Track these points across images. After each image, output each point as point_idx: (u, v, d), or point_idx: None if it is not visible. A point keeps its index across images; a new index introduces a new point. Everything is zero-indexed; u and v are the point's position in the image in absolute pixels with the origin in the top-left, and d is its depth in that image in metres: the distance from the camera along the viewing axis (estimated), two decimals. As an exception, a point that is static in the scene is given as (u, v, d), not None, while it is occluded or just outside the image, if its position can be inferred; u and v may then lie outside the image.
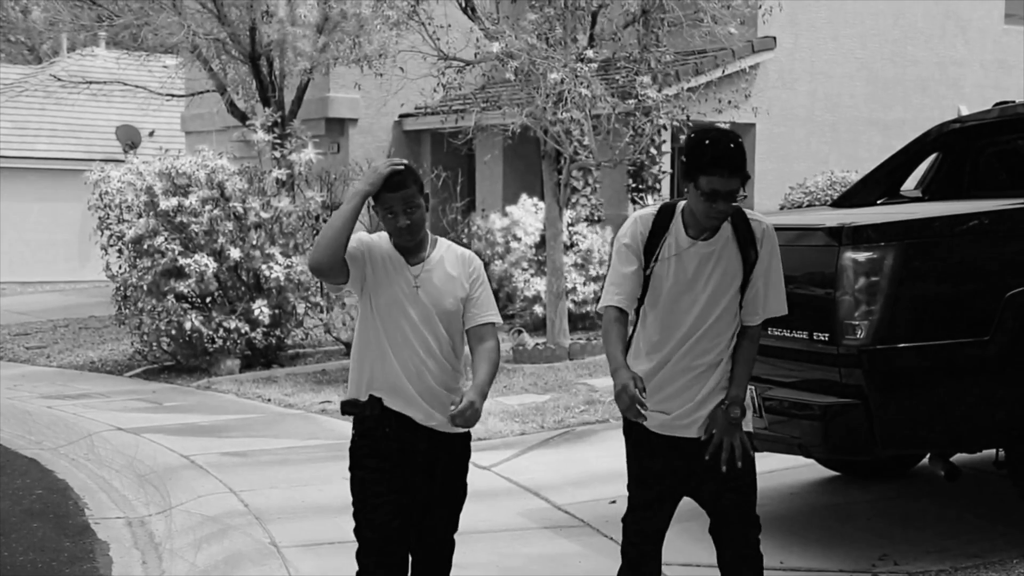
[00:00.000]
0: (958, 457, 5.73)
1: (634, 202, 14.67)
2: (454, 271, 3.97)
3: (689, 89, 12.98)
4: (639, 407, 3.66)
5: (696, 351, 3.86)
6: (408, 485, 3.89)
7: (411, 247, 3.94)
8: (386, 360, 3.88)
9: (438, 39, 11.88)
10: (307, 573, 5.44)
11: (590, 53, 11.28)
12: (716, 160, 3.67)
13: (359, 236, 3.94)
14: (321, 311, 12.57)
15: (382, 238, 3.97)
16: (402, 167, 3.91)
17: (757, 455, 4.01)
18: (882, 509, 6.27)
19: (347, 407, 3.96)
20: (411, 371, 3.87)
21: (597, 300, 13.65)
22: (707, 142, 3.68)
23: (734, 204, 3.78)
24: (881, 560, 5.33)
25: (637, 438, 4.00)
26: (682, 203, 3.89)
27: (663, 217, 3.89)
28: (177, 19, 13.20)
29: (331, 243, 3.77)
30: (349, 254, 3.84)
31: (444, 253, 4.01)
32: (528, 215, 14.27)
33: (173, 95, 16.72)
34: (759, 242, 3.89)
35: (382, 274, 3.91)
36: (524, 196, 14.67)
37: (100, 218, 12.51)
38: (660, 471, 3.96)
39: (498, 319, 4.06)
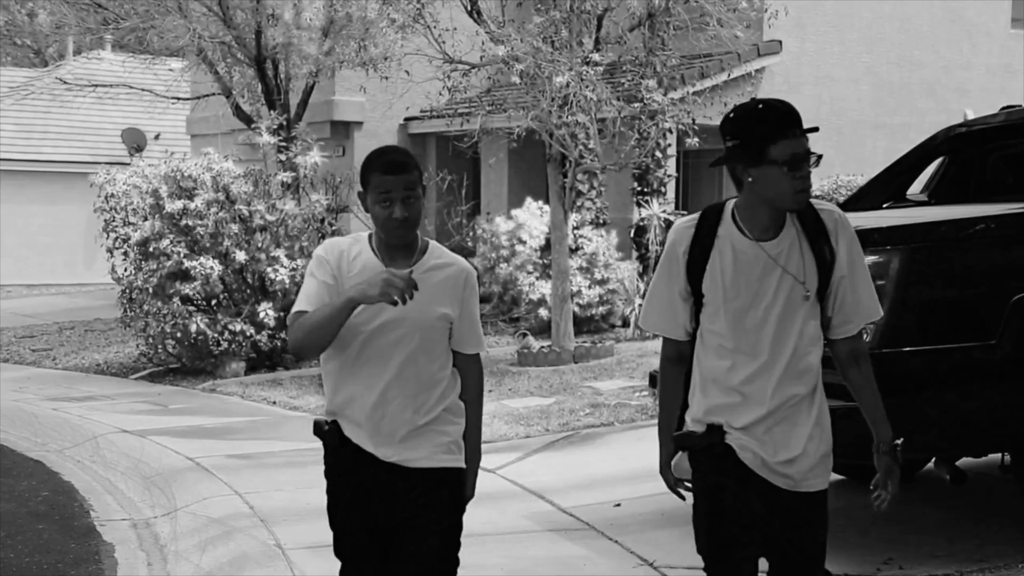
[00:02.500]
0: (963, 461, 5.72)
1: (639, 205, 14.67)
2: (447, 283, 3.40)
3: (694, 93, 12.98)
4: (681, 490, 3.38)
5: (788, 378, 3.17)
6: (372, 521, 3.46)
7: (399, 248, 3.35)
8: (355, 383, 3.34)
9: (443, 42, 11.89)
10: (312, 575, 5.44)
11: (596, 56, 11.29)
12: (784, 121, 3.11)
13: (325, 264, 3.36)
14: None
15: (356, 242, 3.40)
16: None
17: None
18: (887, 513, 6.25)
19: (316, 428, 3.56)
20: (381, 399, 3.32)
21: (602, 303, 13.67)
22: (761, 106, 3.13)
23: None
24: (886, 564, 5.32)
25: (718, 485, 3.24)
26: (731, 203, 3.25)
27: (708, 223, 3.23)
28: (183, 22, 13.22)
29: (317, 340, 3.29)
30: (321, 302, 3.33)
31: (436, 260, 3.41)
32: (533, 218, 14.27)
33: (179, 98, 16.73)
34: (833, 235, 3.20)
35: (354, 286, 3.28)
36: (529, 199, 14.67)
37: (106, 221, 12.53)
38: (748, 523, 3.21)
39: (482, 349, 3.60)
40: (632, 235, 14.67)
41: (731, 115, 3.17)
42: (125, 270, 12.34)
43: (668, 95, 12.30)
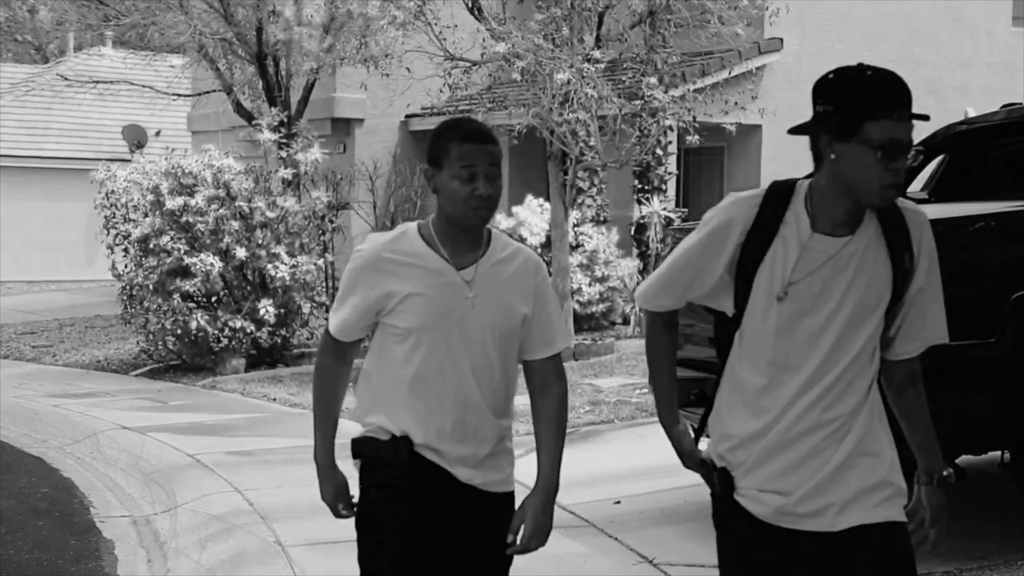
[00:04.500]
0: (963, 459, 5.72)
1: (639, 203, 14.66)
2: (519, 277, 2.94)
3: (695, 90, 12.97)
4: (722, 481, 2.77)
5: (828, 400, 2.62)
6: (437, 562, 2.93)
7: (469, 234, 2.88)
8: (419, 402, 2.88)
9: (444, 39, 11.89)
10: (312, 572, 5.44)
11: (596, 54, 11.29)
12: (892, 98, 2.52)
13: (357, 281, 2.91)
14: (326, 310, 12.57)
15: (401, 238, 2.91)
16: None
17: None
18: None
19: (359, 445, 2.96)
20: (454, 416, 2.88)
21: (602, 300, 13.67)
22: (869, 73, 2.54)
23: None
24: (886, 562, 5.31)
25: (738, 536, 2.79)
26: (803, 184, 2.68)
27: (775, 202, 2.64)
28: (184, 19, 13.22)
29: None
30: (361, 327, 2.97)
31: (503, 252, 2.94)
32: (534, 215, 14.28)
33: (179, 95, 16.74)
34: (916, 240, 2.67)
35: (413, 289, 2.85)
36: (530, 197, 14.67)
37: (106, 217, 12.53)
38: None
39: (566, 342, 3.13)
40: (632, 233, 14.66)
41: (830, 75, 2.58)
42: (126, 267, 12.34)
43: (669, 92, 12.29)
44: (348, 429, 3.08)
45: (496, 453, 2.95)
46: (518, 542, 2.93)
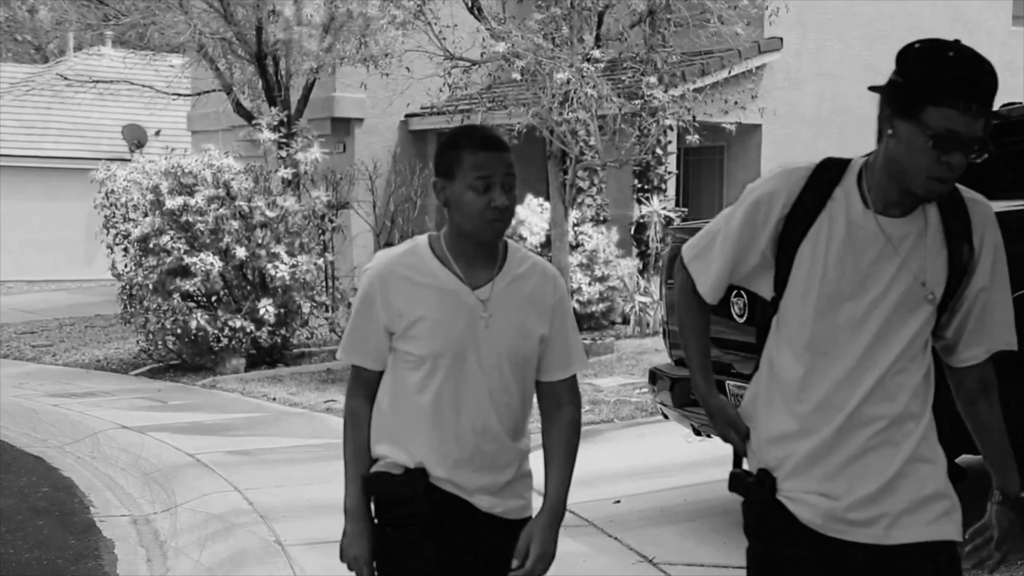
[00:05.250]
0: (963, 458, 5.72)
1: (639, 202, 14.67)
2: (537, 296, 2.75)
3: (695, 90, 12.98)
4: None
5: (873, 395, 2.43)
6: None
7: (484, 249, 2.71)
8: (435, 431, 2.71)
9: (444, 39, 11.89)
10: (312, 571, 5.44)
11: (596, 53, 11.29)
12: (961, 84, 2.28)
13: (370, 303, 2.74)
14: (326, 310, 12.59)
15: (412, 253, 2.73)
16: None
17: None
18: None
19: (372, 481, 2.77)
20: (472, 445, 2.71)
21: (602, 300, 13.67)
22: (952, 54, 2.30)
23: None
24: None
25: (780, 543, 2.52)
26: (859, 160, 2.49)
27: (824, 176, 2.47)
28: (183, 18, 13.23)
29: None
30: (386, 349, 2.77)
31: (522, 268, 2.76)
32: (534, 215, 14.28)
33: (179, 94, 16.75)
34: (978, 232, 2.47)
35: (427, 312, 2.68)
36: (530, 196, 14.67)
37: (106, 217, 12.53)
38: None
39: (584, 366, 2.92)
40: (632, 232, 14.67)
41: (915, 44, 2.35)
42: (125, 266, 12.34)
43: (669, 92, 12.29)
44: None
45: (516, 479, 2.80)
46: (526, 566, 2.75)
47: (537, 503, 2.87)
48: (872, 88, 2.42)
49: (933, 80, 2.28)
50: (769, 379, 2.54)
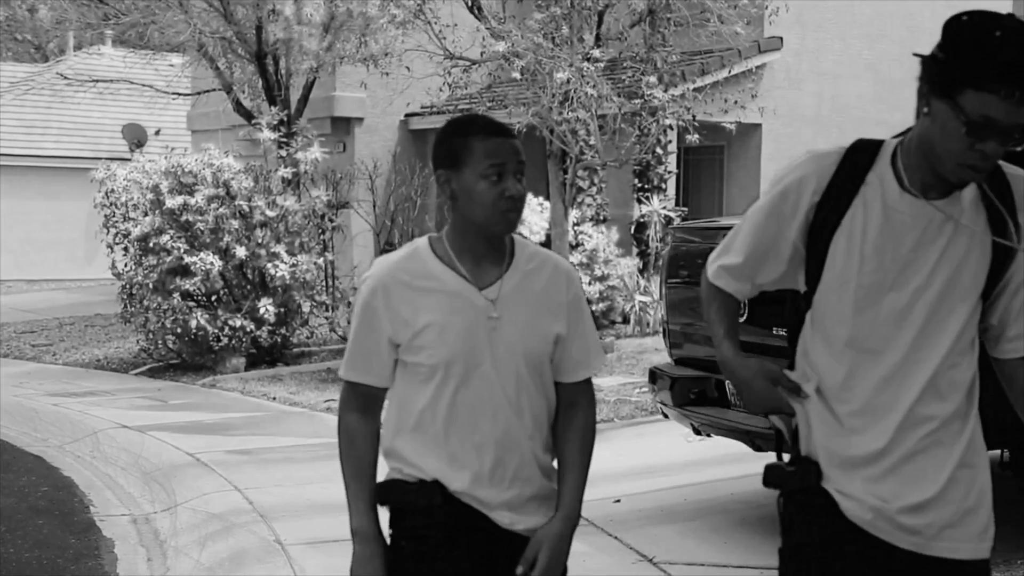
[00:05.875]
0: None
1: (639, 202, 14.67)
2: (550, 292, 2.59)
3: (695, 89, 12.98)
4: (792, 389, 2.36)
5: (928, 395, 2.28)
6: None
7: (493, 244, 2.55)
8: (451, 444, 2.53)
9: (444, 38, 11.89)
10: (312, 571, 5.44)
11: (596, 53, 11.29)
12: (1006, 69, 2.07)
13: (372, 313, 2.55)
14: (326, 309, 12.58)
15: (412, 257, 2.57)
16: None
17: (760, 454, 3.89)
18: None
19: (385, 490, 2.61)
20: (492, 457, 2.54)
21: (602, 299, 13.67)
22: (999, 34, 2.08)
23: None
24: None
25: (823, 533, 2.36)
26: (892, 142, 2.34)
27: (856, 159, 2.31)
28: (183, 17, 13.22)
29: None
30: (388, 363, 2.59)
31: (532, 263, 2.60)
32: (533, 214, 14.27)
33: (179, 94, 16.74)
34: (1021, 210, 2.28)
35: (433, 319, 2.51)
36: (529, 195, 14.65)
37: (106, 216, 12.54)
38: None
39: (601, 364, 2.76)
40: (632, 231, 14.67)
41: (963, 17, 2.15)
42: (125, 266, 12.34)
43: (669, 91, 12.29)
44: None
45: (540, 494, 2.60)
46: (539, 565, 2.53)
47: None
48: (916, 55, 2.23)
49: (975, 61, 2.09)
50: (804, 381, 2.38)
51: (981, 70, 2.08)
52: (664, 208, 14.49)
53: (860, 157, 2.31)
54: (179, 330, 11.72)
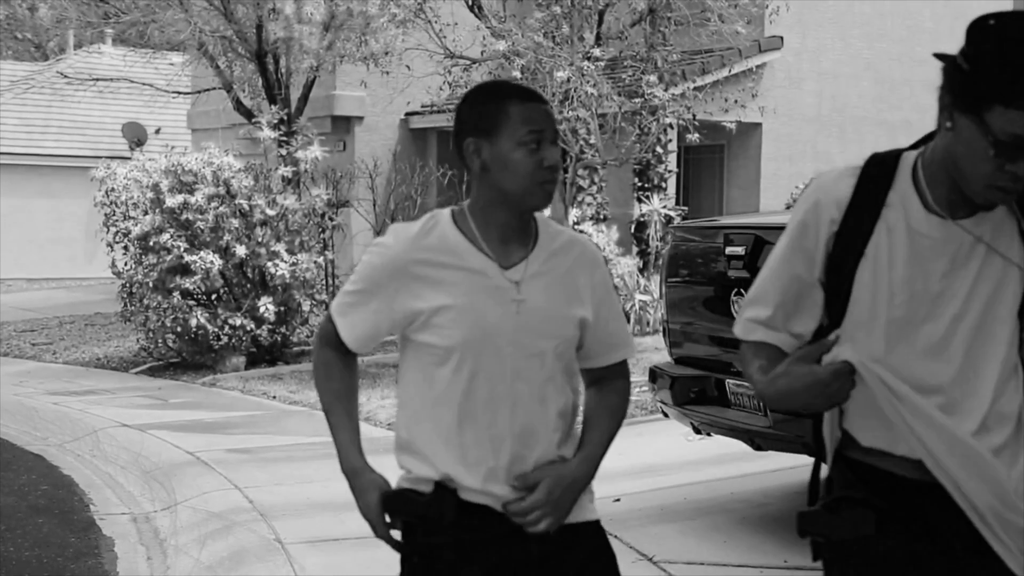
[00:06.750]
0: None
1: (639, 201, 14.66)
2: (575, 274, 2.40)
3: (695, 88, 12.99)
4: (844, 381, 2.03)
5: (980, 433, 2.05)
6: None
7: (522, 220, 2.37)
8: (466, 436, 2.33)
9: (444, 37, 11.90)
10: (312, 569, 5.44)
11: (597, 52, 11.31)
12: None
13: (375, 284, 2.37)
14: (326, 308, 12.56)
15: (432, 229, 2.37)
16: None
17: (760, 454, 3.88)
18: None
19: (394, 502, 2.40)
20: (511, 452, 2.34)
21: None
22: None
23: None
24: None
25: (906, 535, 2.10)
26: (910, 155, 2.10)
27: (875, 179, 2.07)
28: (183, 16, 13.22)
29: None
30: (381, 338, 2.45)
31: (557, 242, 2.42)
32: (534, 214, 14.27)
33: (179, 92, 16.74)
34: None
35: (451, 298, 2.31)
36: (530, 195, 14.66)
37: (106, 215, 12.54)
38: None
39: (633, 351, 2.56)
40: (632, 231, 14.66)
41: (990, 20, 1.90)
42: (125, 264, 12.34)
43: (669, 91, 12.30)
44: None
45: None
46: (521, 505, 2.31)
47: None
48: (937, 55, 1.98)
49: (1004, 75, 1.85)
50: (832, 432, 2.14)
51: (1011, 85, 1.85)
52: (664, 207, 14.49)
53: (878, 175, 2.07)
54: (179, 329, 11.72)
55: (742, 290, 5.23)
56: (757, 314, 2.19)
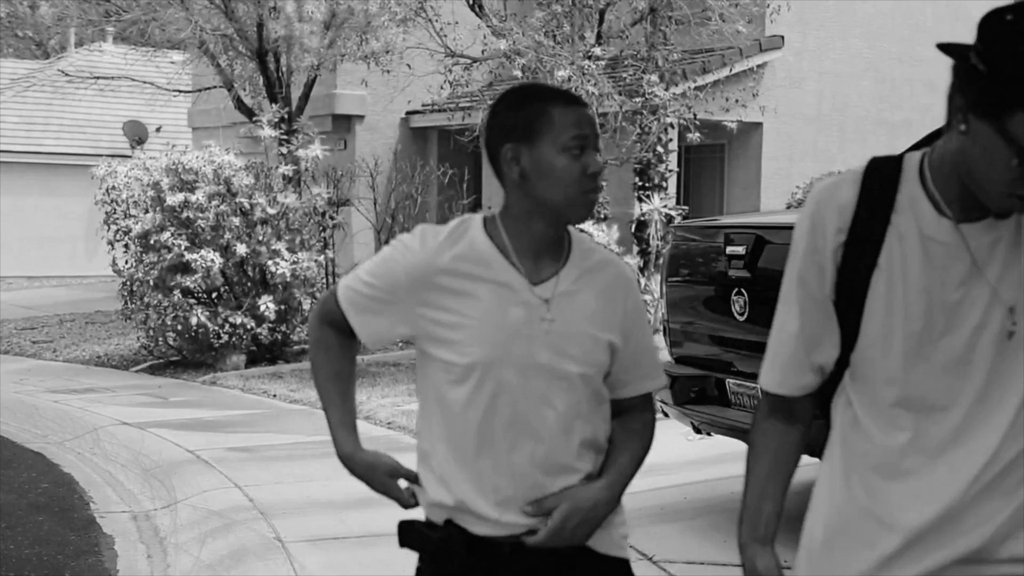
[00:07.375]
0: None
1: (640, 200, 14.66)
2: (608, 297, 2.24)
3: (696, 88, 12.99)
4: None
5: (999, 454, 1.85)
6: None
7: (558, 237, 2.21)
8: (484, 462, 2.19)
9: (445, 36, 11.90)
10: (312, 568, 5.44)
11: (597, 51, 11.30)
12: None
13: (393, 283, 2.22)
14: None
15: (461, 236, 2.21)
16: None
17: None
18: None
19: (407, 535, 2.31)
20: (530, 480, 2.19)
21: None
22: None
23: None
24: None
25: None
26: (914, 156, 1.94)
27: (880, 183, 1.91)
28: (184, 15, 13.22)
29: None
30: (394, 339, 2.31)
31: (590, 261, 2.26)
32: (534, 213, 14.27)
33: (180, 91, 16.74)
34: None
35: (474, 312, 2.17)
36: (530, 194, 14.65)
37: (107, 213, 12.54)
38: None
39: (663, 382, 2.45)
40: (633, 230, 14.65)
41: (1008, 16, 1.71)
42: (126, 262, 12.34)
43: (670, 90, 12.30)
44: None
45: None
46: (552, 521, 2.17)
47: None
48: (942, 48, 1.82)
49: None
50: (845, 456, 1.98)
51: None
52: (665, 207, 14.48)
53: (882, 179, 1.92)
54: (180, 327, 11.73)
55: (742, 290, 5.23)
56: (773, 376, 2.04)
